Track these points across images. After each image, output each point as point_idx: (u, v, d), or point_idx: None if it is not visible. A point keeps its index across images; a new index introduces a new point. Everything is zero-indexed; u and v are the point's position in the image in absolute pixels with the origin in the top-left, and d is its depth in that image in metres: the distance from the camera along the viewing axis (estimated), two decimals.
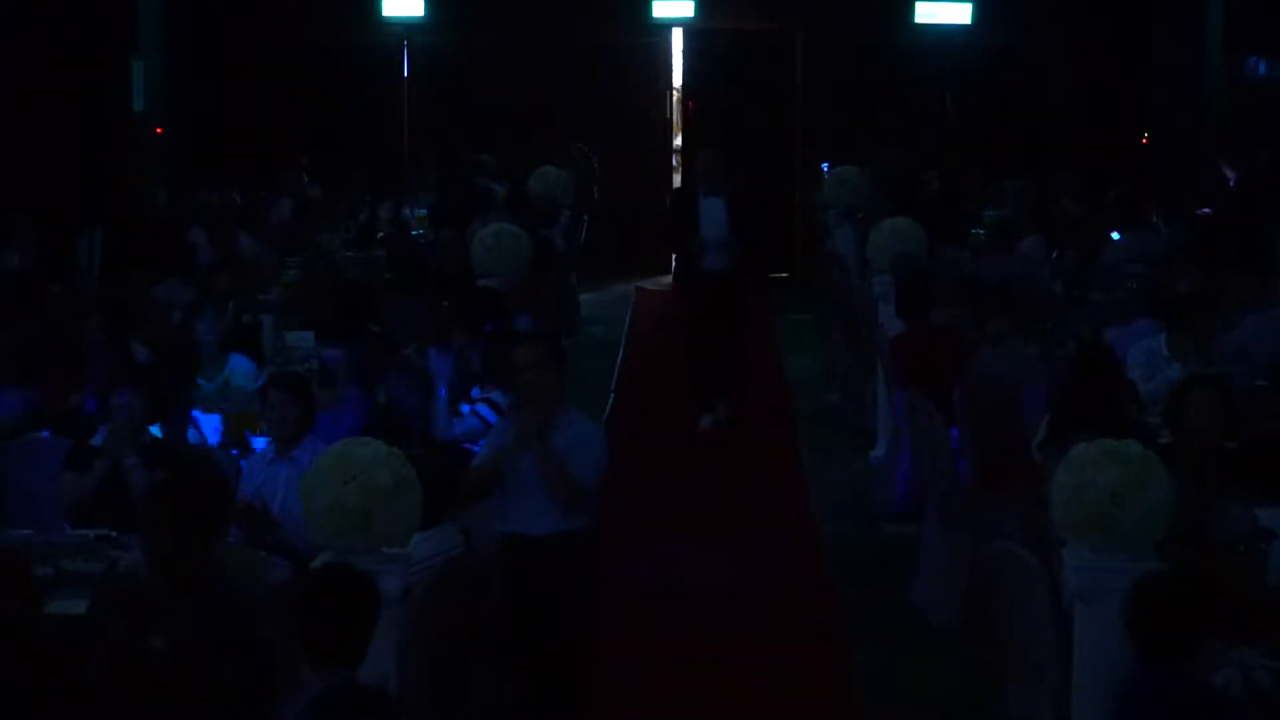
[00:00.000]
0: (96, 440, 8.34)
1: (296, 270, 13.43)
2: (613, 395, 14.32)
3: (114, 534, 7.44)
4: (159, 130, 18.53)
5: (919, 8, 20.84)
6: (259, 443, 8.55)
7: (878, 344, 11.85)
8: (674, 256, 14.29)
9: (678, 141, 21.84)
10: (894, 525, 10.74)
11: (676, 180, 21.08)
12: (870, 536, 10.81)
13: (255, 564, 6.74)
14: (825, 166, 17.54)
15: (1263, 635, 6.01)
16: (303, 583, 5.61)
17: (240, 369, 9.94)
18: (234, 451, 8.72)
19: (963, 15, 20.85)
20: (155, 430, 8.73)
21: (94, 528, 7.59)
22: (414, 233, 16.04)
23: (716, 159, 13.23)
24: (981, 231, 15.86)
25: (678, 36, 21.38)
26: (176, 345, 10.13)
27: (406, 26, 21.00)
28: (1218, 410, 7.56)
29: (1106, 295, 12.44)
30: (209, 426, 9.10)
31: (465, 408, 9.41)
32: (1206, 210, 16.04)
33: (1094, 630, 6.16)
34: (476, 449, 9.12)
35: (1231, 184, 17.37)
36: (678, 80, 21.74)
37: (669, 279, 18.69)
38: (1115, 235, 14.46)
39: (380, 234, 15.64)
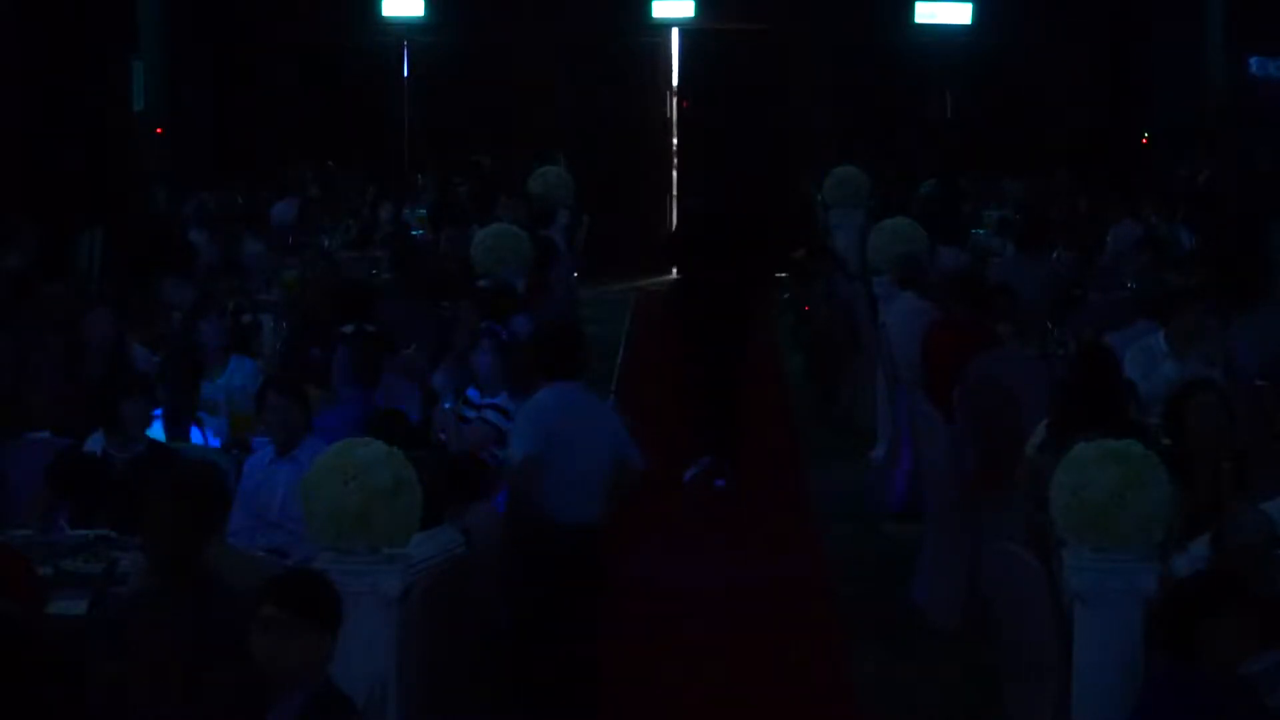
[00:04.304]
0: (93, 445, 8.31)
1: (296, 270, 13.42)
2: (613, 395, 14.31)
3: (114, 534, 7.44)
4: (159, 130, 18.53)
5: (919, 8, 20.85)
6: (259, 443, 8.55)
7: (878, 344, 11.85)
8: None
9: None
10: (894, 525, 10.74)
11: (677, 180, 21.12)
12: (870, 536, 10.81)
13: (253, 566, 6.73)
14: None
15: (1278, 639, 6.00)
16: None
17: (241, 370, 9.93)
18: (234, 452, 8.71)
19: (963, 15, 20.86)
20: (157, 432, 8.73)
21: (94, 528, 7.59)
22: (414, 233, 16.04)
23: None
24: (982, 232, 15.88)
25: (676, 36, 21.38)
26: (180, 347, 10.12)
27: (406, 26, 21.01)
28: (1219, 414, 7.56)
29: (1106, 295, 12.45)
30: (214, 430, 9.08)
31: (470, 413, 9.38)
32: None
33: (1094, 630, 6.17)
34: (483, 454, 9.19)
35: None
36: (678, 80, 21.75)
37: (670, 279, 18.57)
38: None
39: (380, 234, 15.64)
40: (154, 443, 8.41)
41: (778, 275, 17.87)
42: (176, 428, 8.96)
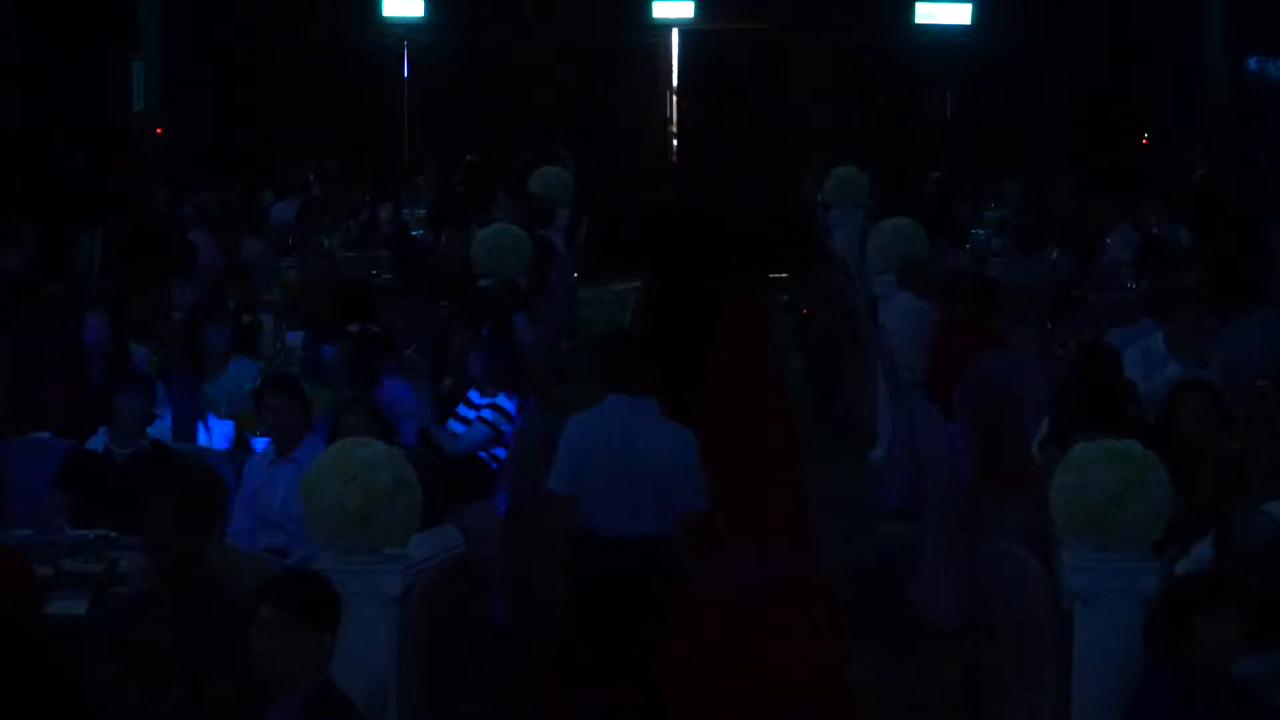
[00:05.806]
0: (95, 443, 8.32)
1: (296, 270, 13.44)
2: None
3: (114, 534, 7.44)
4: (159, 130, 18.54)
5: (919, 8, 20.86)
6: (259, 443, 8.55)
7: (878, 344, 11.85)
8: None
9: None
10: (894, 525, 10.73)
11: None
12: (870, 536, 10.81)
13: (253, 566, 6.74)
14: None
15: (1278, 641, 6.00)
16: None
17: (242, 371, 9.93)
18: (234, 452, 8.71)
19: (963, 15, 20.87)
20: (160, 431, 8.73)
21: (94, 528, 7.59)
22: (414, 233, 16.04)
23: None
24: (982, 232, 15.89)
25: (676, 36, 21.39)
26: (181, 347, 10.12)
27: (406, 26, 21.03)
28: (1211, 414, 7.55)
29: (1106, 295, 12.45)
30: (219, 431, 9.08)
31: (470, 413, 9.37)
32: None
33: (1094, 630, 6.16)
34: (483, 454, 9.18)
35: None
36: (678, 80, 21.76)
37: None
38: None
39: (380, 234, 15.64)
40: (156, 441, 8.41)
41: (777, 276, 17.89)
42: (181, 429, 8.96)
